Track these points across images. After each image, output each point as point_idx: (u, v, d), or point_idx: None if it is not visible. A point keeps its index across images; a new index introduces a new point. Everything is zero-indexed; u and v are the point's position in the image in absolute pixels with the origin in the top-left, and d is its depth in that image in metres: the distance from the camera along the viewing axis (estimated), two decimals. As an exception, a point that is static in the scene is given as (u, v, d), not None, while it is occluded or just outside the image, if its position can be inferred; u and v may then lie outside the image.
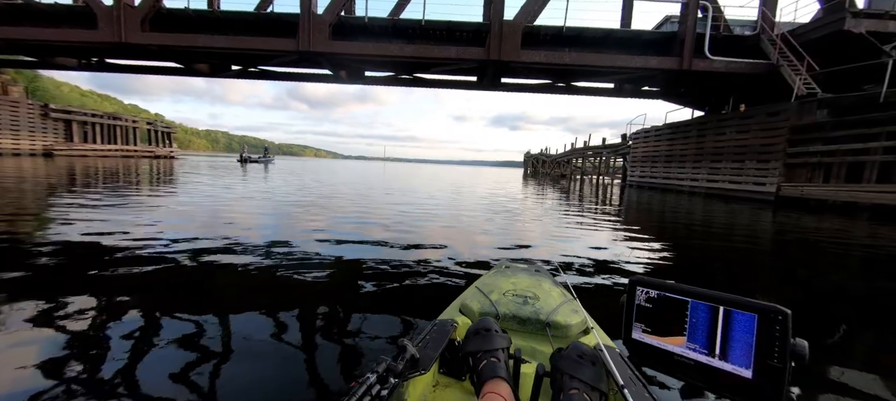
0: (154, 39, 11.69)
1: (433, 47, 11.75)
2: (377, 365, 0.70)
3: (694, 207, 10.00)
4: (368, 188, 11.35)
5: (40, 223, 4.18)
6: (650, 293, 0.69)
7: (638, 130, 18.92)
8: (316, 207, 6.46)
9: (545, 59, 11.74)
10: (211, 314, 1.95)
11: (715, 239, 5.37)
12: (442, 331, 1.00)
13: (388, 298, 2.36)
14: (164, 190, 8.15)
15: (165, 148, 29.00)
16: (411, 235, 4.34)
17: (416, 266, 3.08)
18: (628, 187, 18.85)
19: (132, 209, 5.32)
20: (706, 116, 14.92)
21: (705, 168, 13.79)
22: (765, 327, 0.57)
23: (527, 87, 15.87)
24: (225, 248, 3.36)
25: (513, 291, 1.31)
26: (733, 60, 11.67)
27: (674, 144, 15.91)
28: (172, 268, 2.76)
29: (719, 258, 4.23)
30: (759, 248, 5.01)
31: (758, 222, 7.36)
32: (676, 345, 0.66)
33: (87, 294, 2.15)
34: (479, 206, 7.96)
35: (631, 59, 11.73)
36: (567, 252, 3.89)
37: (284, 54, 12.24)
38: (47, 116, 19.04)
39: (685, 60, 11.54)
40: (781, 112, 10.80)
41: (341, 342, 1.73)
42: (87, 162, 19.54)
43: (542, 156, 41.49)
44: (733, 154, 12.54)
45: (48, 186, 7.79)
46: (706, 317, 0.63)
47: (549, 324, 1.11)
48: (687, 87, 14.57)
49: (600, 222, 6.50)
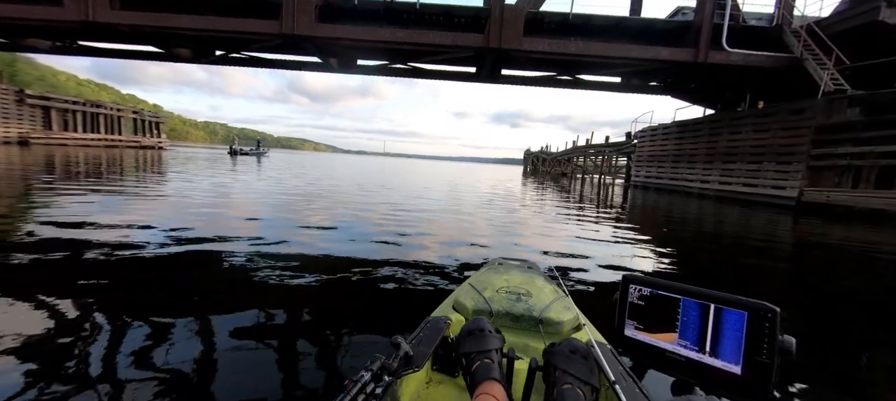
0: (124, 19, 10.74)
1: (428, 33, 10.81)
2: (371, 363, 0.70)
3: (704, 210, 9.20)
4: (363, 190, 10.49)
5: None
6: (643, 291, 0.70)
7: (644, 127, 18.01)
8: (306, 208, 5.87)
9: (549, 49, 10.82)
10: (204, 313, 1.92)
11: (728, 247, 4.92)
12: (435, 328, 1.00)
13: (382, 296, 2.36)
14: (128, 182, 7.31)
15: (153, 138, 27.93)
16: (404, 236, 4.25)
17: (409, 265, 3.03)
18: (632, 188, 18.00)
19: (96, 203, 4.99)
20: (720, 114, 13.99)
21: (717, 169, 12.91)
22: (754, 324, 0.58)
23: (528, 80, 14.92)
24: (213, 245, 3.30)
25: (506, 288, 1.32)
26: (753, 53, 10.76)
27: (683, 142, 15.02)
28: (162, 266, 2.72)
29: (733, 267, 3.91)
30: (779, 259, 4.46)
31: (777, 230, 6.60)
32: (668, 342, 0.66)
33: (52, 296, 2.03)
34: (476, 206, 7.15)
35: (642, 49, 10.81)
36: (566, 252, 3.80)
37: (267, 38, 11.30)
38: (23, 101, 18.02)
39: (701, 52, 10.63)
40: (806, 110, 9.92)
41: (335, 341, 1.73)
42: (67, 151, 18.64)
43: (543, 154, 40.68)
44: (749, 155, 11.66)
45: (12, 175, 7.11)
46: (697, 314, 0.63)
47: (541, 321, 1.13)
48: (698, 82, 13.65)
49: (603, 224, 5.97)
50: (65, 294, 2.08)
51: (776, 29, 11.25)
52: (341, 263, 3.02)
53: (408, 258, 3.22)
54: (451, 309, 1.25)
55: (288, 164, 23.58)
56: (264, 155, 34.80)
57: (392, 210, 6.18)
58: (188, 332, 1.72)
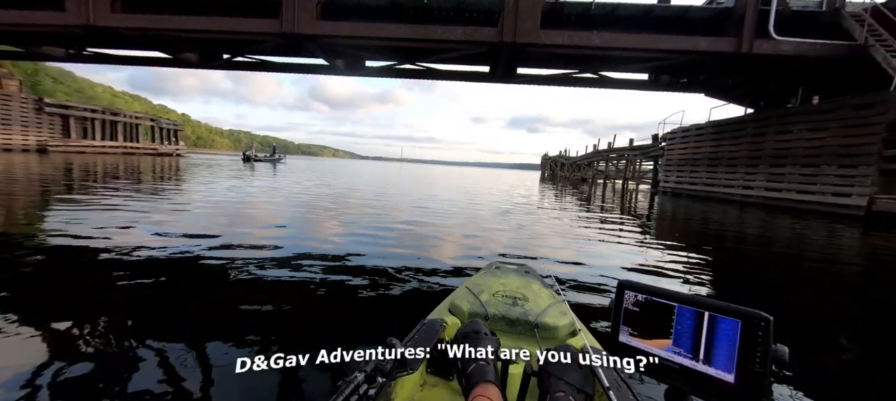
0: (123, 22, 10.46)
1: (436, 28, 9.99)
2: (365, 364, 0.70)
3: (748, 220, 7.97)
4: (375, 194, 9.77)
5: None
6: (638, 297, 0.70)
7: (674, 129, 16.56)
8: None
9: (569, 42, 9.79)
10: (197, 315, 1.94)
11: (782, 265, 4.25)
12: (431, 330, 1.03)
13: (376, 297, 2.34)
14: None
15: (170, 145, 28.28)
16: (402, 238, 4.24)
17: (407, 266, 3.00)
18: (661, 194, 16.56)
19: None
20: (766, 111, 12.48)
21: (763, 174, 11.44)
22: (748, 332, 0.58)
23: (546, 79, 13.86)
24: (211, 250, 3.21)
25: (502, 291, 1.32)
26: (805, 41, 9.40)
27: (720, 144, 13.56)
28: (148, 270, 2.63)
29: (793, 293, 3.21)
30: (852, 284, 3.64)
31: (842, 245, 5.49)
32: (662, 348, 0.67)
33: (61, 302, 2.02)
34: (488, 211, 6.23)
35: (676, 40, 9.62)
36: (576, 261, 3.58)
37: (267, 38, 10.78)
38: (42, 110, 18.35)
39: (745, 42, 9.36)
40: (876, 104, 8.49)
41: (328, 341, 1.66)
42: (84, 159, 18.91)
43: (561, 158, 39.25)
44: (803, 157, 10.20)
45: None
46: (692, 322, 0.64)
47: (537, 325, 1.15)
48: (739, 76, 12.23)
49: (638, 237, 5.19)
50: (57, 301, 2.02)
51: (832, 13, 9.86)
52: (338, 265, 2.99)
53: (403, 264, 3.11)
54: (447, 312, 1.25)
55: (303, 170, 23.39)
56: (280, 161, 34.73)
57: (388, 216, 5.87)
58: (175, 331, 1.71)
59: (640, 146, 20.93)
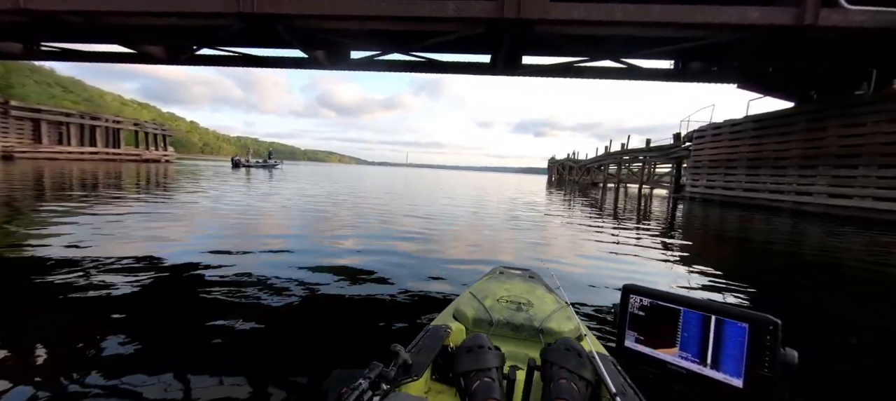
0: (55, 5, 8.94)
1: (422, 3, 8.26)
2: (369, 371, 0.69)
3: (807, 234, 6.14)
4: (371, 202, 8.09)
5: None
6: (643, 301, 0.70)
7: (703, 126, 14.57)
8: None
9: (586, 16, 7.98)
10: (194, 319, 1.89)
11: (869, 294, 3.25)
12: (435, 337, 1.00)
13: (380, 303, 2.31)
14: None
15: (157, 151, 26.84)
16: (404, 245, 4.11)
17: (409, 273, 2.95)
18: (688, 200, 14.52)
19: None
20: (824, 102, 10.42)
21: (824, 177, 9.43)
22: (756, 336, 0.56)
23: (554, 69, 12.03)
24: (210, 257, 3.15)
25: (507, 297, 1.31)
26: (885, 10, 7.47)
27: (763, 142, 11.56)
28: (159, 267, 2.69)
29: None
30: None
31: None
32: (669, 353, 0.66)
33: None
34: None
35: (717, 12, 7.74)
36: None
37: (225, 20, 9.16)
38: (7, 113, 17.02)
39: (808, 12, 7.46)
40: None
41: (331, 348, 1.69)
42: (54, 166, 17.56)
43: (569, 161, 37.31)
44: (880, 157, 8.20)
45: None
46: (698, 326, 0.62)
47: (542, 331, 1.12)
48: (783, 58, 10.21)
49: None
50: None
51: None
52: (335, 270, 2.93)
53: (406, 271, 3.01)
54: (451, 318, 1.24)
55: (301, 176, 21.91)
56: (276, 167, 32.94)
57: (391, 223, 5.27)
58: (178, 337, 1.69)
59: (660, 147, 18.94)
